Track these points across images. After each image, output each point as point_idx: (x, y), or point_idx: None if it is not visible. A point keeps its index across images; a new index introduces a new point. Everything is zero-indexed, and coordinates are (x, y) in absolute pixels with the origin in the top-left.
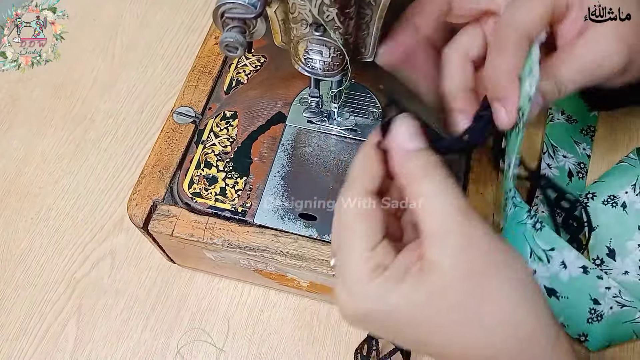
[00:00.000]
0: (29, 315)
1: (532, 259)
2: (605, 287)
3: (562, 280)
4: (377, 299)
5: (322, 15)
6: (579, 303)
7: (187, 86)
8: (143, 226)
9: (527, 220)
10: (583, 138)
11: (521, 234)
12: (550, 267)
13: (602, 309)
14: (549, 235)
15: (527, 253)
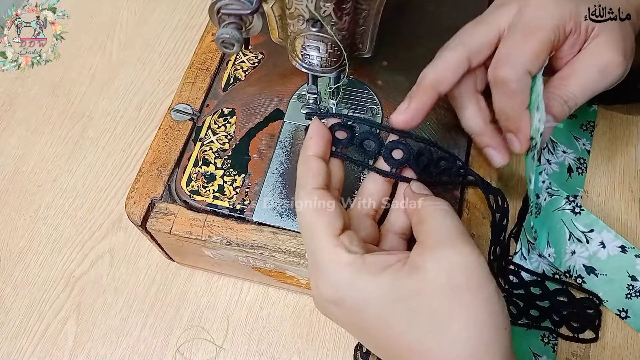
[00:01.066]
0: (28, 314)
1: (571, 241)
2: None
3: (601, 259)
4: (351, 287)
5: (319, 11)
6: (617, 279)
7: (185, 83)
8: (141, 224)
9: (565, 206)
10: (582, 133)
11: (559, 219)
12: (590, 247)
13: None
14: (588, 217)
15: (566, 236)
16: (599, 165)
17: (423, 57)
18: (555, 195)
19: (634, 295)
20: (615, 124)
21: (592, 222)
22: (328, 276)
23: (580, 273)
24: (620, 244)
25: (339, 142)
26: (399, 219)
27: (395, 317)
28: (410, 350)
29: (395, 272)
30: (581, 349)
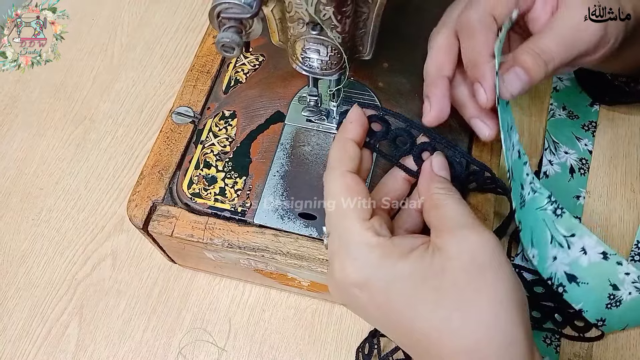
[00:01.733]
0: (31, 317)
1: (553, 245)
2: (625, 273)
3: (582, 266)
4: (380, 267)
5: (319, 14)
6: (598, 288)
7: (186, 86)
8: (143, 227)
9: (547, 206)
10: (584, 134)
11: (541, 219)
12: (571, 252)
13: (621, 294)
14: (569, 221)
15: (548, 238)
16: (601, 166)
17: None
18: (537, 193)
19: (614, 305)
20: (617, 124)
21: (573, 226)
22: (356, 257)
23: (562, 281)
24: (602, 250)
25: (374, 134)
26: (409, 218)
27: (423, 296)
28: (437, 330)
29: (421, 253)
30: (583, 349)
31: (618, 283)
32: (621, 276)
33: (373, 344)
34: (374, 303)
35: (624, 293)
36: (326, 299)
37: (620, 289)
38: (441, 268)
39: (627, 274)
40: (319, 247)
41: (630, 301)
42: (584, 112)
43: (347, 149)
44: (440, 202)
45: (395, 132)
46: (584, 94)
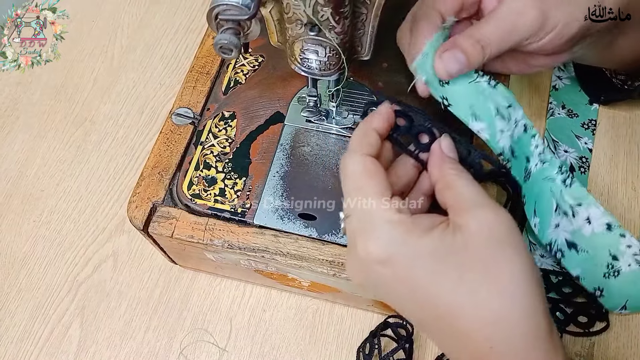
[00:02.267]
0: (33, 318)
1: (557, 213)
2: (627, 245)
3: (584, 235)
4: (403, 243)
5: (317, 15)
6: (598, 257)
7: (186, 87)
8: (143, 228)
9: (556, 175)
10: (584, 132)
11: (547, 189)
12: (575, 221)
13: (620, 265)
14: (579, 191)
15: (552, 207)
16: (602, 165)
17: None
18: (547, 162)
19: (612, 275)
20: (618, 122)
21: (581, 196)
22: (380, 235)
23: (560, 247)
24: (607, 222)
25: (398, 129)
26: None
27: (447, 272)
28: (461, 304)
29: (442, 230)
30: (584, 349)
31: (618, 254)
32: (622, 247)
33: (374, 344)
34: (398, 279)
35: (622, 264)
36: (327, 299)
37: (620, 260)
38: (464, 245)
39: (629, 247)
40: (319, 247)
41: (629, 273)
42: (583, 110)
43: (369, 135)
44: (454, 182)
45: (418, 128)
46: (583, 93)
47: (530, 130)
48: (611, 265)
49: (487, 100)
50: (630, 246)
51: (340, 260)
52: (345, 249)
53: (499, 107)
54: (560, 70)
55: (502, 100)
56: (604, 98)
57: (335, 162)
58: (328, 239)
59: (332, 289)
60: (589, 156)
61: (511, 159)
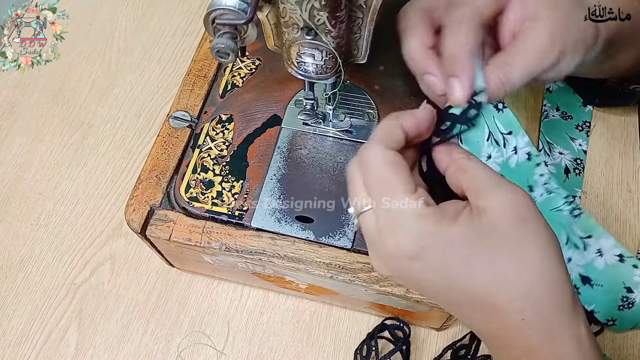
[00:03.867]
0: (31, 321)
1: (569, 246)
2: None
3: (598, 268)
4: (435, 234)
5: (313, 19)
6: (612, 291)
7: (183, 90)
8: (141, 231)
9: (563, 207)
10: (579, 134)
11: (556, 221)
12: (587, 254)
13: (634, 297)
14: (587, 222)
15: (564, 240)
16: (597, 167)
17: None
18: (553, 193)
19: (626, 307)
20: (613, 124)
21: (591, 228)
22: (410, 229)
23: (575, 283)
24: (619, 253)
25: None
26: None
27: (479, 255)
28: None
29: (468, 215)
30: None
31: (633, 286)
32: (636, 279)
33: (371, 346)
34: (430, 270)
35: (637, 295)
36: (324, 301)
37: (635, 292)
38: (492, 227)
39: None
40: (316, 250)
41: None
42: (577, 112)
43: (394, 131)
44: (467, 165)
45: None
46: (577, 95)
47: (534, 158)
48: (626, 297)
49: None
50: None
51: (338, 263)
52: (342, 252)
53: (493, 132)
54: None
55: (502, 125)
56: (599, 101)
57: (332, 165)
58: (325, 242)
59: (329, 291)
60: (584, 158)
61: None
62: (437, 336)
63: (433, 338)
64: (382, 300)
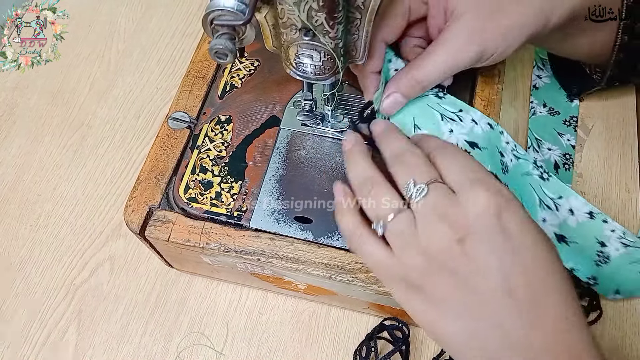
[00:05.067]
0: (30, 322)
1: (541, 208)
2: (611, 230)
3: (571, 226)
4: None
5: (311, 20)
6: (587, 247)
7: (182, 91)
8: (140, 232)
9: (533, 171)
10: (566, 129)
11: (527, 184)
12: (559, 214)
13: (608, 251)
14: (556, 184)
15: (536, 202)
16: (595, 167)
17: None
18: (522, 159)
19: (603, 262)
20: (611, 124)
21: (560, 189)
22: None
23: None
24: (589, 210)
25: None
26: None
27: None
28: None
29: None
30: None
31: (605, 240)
32: (607, 233)
33: (370, 347)
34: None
35: (611, 249)
36: (323, 302)
37: (608, 245)
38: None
39: (612, 231)
40: (314, 250)
41: (618, 258)
42: (564, 107)
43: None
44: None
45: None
46: (563, 90)
47: (496, 127)
48: (600, 252)
49: (431, 109)
50: (614, 230)
51: (336, 263)
52: (340, 252)
53: (444, 113)
54: (539, 69)
55: (449, 107)
56: (576, 89)
57: (330, 165)
58: (324, 242)
59: (328, 291)
60: (572, 152)
61: (471, 150)
62: None
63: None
64: (381, 301)
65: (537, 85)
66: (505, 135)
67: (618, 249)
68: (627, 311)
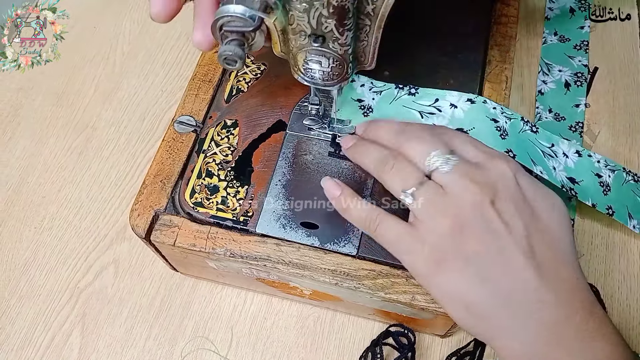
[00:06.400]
0: (34, 325)
1: (547, 158)
2: (597, 161)
3: (572, 168)
4: None
5: (321, 27)
6: (591, 182)
7: (188, 95)
8: (145, 236)
9: (525, 127)
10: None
11: (527, 140)
12: (559, 159)
13: (604, 179)
14: (544, 134)
15: (541, 154)
16: None
17: (424, 66)
18: (513, 119)
19: (607, 190)
20: (618, 131)
21: (549, 137)
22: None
23: (569, 185)
24: (575, 150)
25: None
26: None
27: None
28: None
29: None
30: None
31: (598, 171)
32: (596, 165)
33: (376, 353)
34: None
35: (605, 177)
36: (328, 307)
37: (603, 175)
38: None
39: (598, 162)
40: (321, 256)
41: (614, 181)
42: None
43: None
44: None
45: None
46: (574, 19)
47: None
48: (601, 183)
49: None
50: (599, 161)
51: (343, 270)
52: (347, 258)
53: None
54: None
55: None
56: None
57: (337, 170)
58: (330, 248)
59: (334, 297)
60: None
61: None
62: (441, 343)
63: (437, 345)
64: (387, 308)
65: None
66: (490, 102)
67: (610, 175)
68: (634, 319)
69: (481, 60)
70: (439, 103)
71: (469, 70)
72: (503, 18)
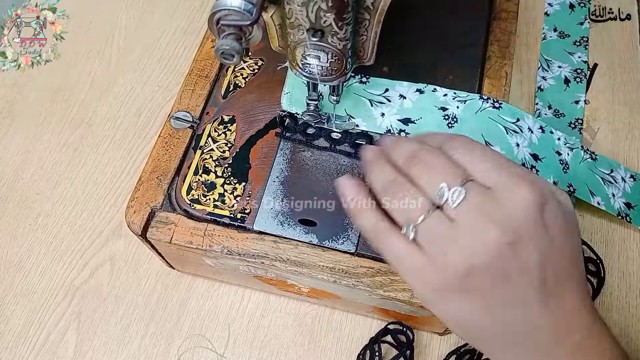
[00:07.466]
0: (29, 323)
1: (510, 134)
2: (557, 138)
3: (535, 144)
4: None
5: (320, 21)
6: (552, 159)
7: (184, 90)
8: (141, 234)
9: (484, 105)
10: (577, 48)
11: (487, 118)
12: (524, 135)
13: (564, 157)
14: (509, 109)
15: (503, 131)
16: None
17: (423, 62)
18: (467, 100)
19: (566, 169)
20: (617, 128)
21: (514, 112)
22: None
23: (531, 163)
24: (540, 125)
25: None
26: None
27: None
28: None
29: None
30: None
31: (558, 149)
32: (557, 142)
33: (374, 351)
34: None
35: (564, 156)
36: (326, 305)
37: (562, 154)
38: None
39: (559, 139)
40: (319, 254)
41: (572, 160)
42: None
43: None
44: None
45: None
46: (574, 15)
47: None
48: (561, 160)
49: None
50: (559, 138)
51: (341, 267)
52: (345, 256)
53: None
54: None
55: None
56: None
57: (335, 167)
58: (328, 246)
59: (332, 295)
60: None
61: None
62: (440, 341)
63: (436, 343)
64: (386, 305)
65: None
66: (440, 90)
67: (568, 153)
68: (633, 316)
69: (481, 56)
70: (388, 93)
71: (468, 66)
72: (503, 13)
